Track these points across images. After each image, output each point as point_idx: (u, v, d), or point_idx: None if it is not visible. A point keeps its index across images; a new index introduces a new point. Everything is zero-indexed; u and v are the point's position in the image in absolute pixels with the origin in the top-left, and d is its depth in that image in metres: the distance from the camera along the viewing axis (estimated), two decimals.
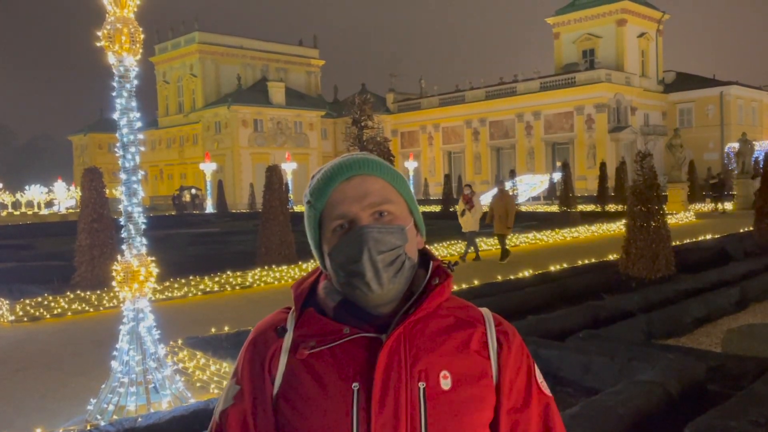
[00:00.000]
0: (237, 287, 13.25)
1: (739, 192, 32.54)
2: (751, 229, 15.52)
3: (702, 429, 4.05)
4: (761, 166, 15.59)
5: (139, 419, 4.68)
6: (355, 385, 1.21)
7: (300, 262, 14.66)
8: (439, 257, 1.38)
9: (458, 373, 1.24)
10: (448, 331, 1.28)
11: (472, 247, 16.29)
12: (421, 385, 1.21)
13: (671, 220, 18.96)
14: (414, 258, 1.30)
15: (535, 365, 1.36)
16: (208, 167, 48.93)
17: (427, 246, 1.40)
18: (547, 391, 1.35)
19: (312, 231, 1.33)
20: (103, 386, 5.70)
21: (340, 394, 1.21)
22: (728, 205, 32.94)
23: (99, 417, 5.42)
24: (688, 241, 16.18)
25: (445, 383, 1.22)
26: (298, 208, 42.56)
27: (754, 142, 34.56)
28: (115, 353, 5.71)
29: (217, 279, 13.41)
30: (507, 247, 16.41)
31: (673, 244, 11.59)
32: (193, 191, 56.06)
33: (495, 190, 16.78)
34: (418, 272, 1.32)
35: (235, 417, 1.31)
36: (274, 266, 14.26)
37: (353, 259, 1.24)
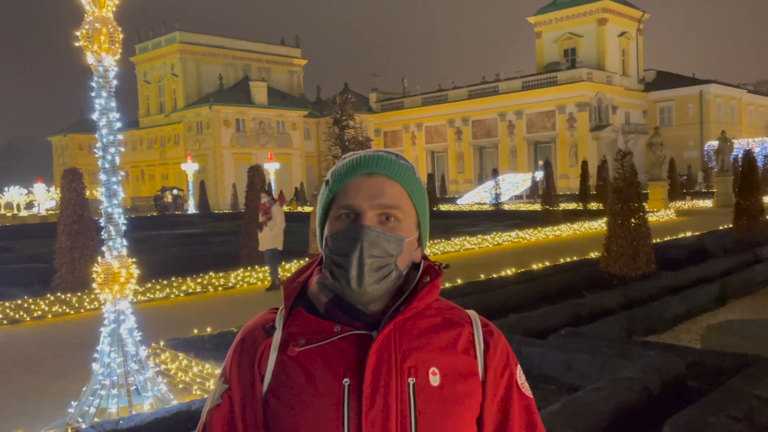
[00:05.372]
0: (220, 288, 13.18)
1: (719, 189, 32.91)
2: (730, 226, 15.70)
3: (682, 424, 4.09)
4: (740, 163, 15.77)
5: (121, 422, 4.65)
6: (346, 381, 1.23)
7: (283, 263, 14.62)
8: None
9: (447, 370, 1.27)
10: (436, 329, 1.31)
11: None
12: (411, 380, 1.23)
13: (652, 218, 19.14)
14: (404, 270, 1.31)
15: (518, 366, 1.39)
16: (190, 167, 48.64)
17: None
18: (528, 392, 1.38)
19: (321, 209, 1.34)
20: (84, 389, 5.66)
21: (331, 389, 1.23)
22: (708, 202, 33.36)
23: (80, 420, 5.37)
24: (668, 238, 16.32)
25: (434, 379, 1.25)
26: (284, 208, 42.43)
27: (733, 140, 34.92)
28: (96, 355, 5.66)
29: (199, 280, 13.34)
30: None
31: (654, 241, 11.70)
32: (175, 192, 55.76)
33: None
34: (410, 272, 1.34)
35: (220, 416, 1.32)
36: (257, 267, 14.20)
37: (344, 252, 1.25)
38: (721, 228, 17.74)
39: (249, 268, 14.16)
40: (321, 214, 1.34)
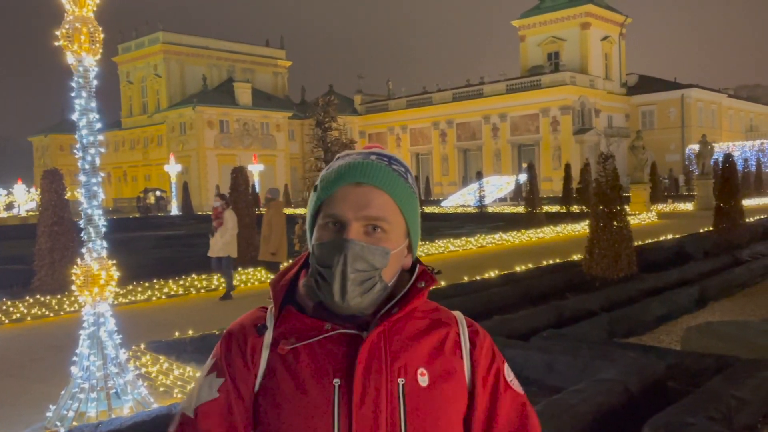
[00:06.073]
0: (202, 290, 13.11)
1: (700, 193, 33.26)
2: (711, 229, 15.85)
3: (661, 425, 4.12)
4: (720, 167, 15.93)
5: (100, 425, 4.60)
6: (336, 381, 1.23)
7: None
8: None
9: (435, 371, 1.28)
10: (424, 332, 1.31)
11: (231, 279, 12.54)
12: (401, 381, 1.24)
13: (634, 221, 19.31)
14: (389, 281, 1.30)
15: (506, 364, 1.39)
16: (173, 169, 48.37)
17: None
18: (518, 389, 1.38)
19: (310, 214, 1.33)
20: (63, 392, 5.60)
21: (322, 390, 1.23)
22: (689, 205, 33.72)
23: (59, 424, 5.32)
24: (649, 240, 16.45)
25: (423, 380, 1.26)
26: (263, 210, 42.30)
27: (713, 144, 35.30)
28: (75, 358, 5.61)
29: (181, 282, 13.25)
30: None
31: (635, 244, 11.77)
32: (158, 193, 55.43)
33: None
34: (403, 275, 1.34)
35: (216, 410, 1.27)
36: (240, 269, 14.13)
37: (327, 265, 1.25)
38: (701, 231, 17.90)
39: (232, 270, 14.06)
40: (309, 220, 1.33)
